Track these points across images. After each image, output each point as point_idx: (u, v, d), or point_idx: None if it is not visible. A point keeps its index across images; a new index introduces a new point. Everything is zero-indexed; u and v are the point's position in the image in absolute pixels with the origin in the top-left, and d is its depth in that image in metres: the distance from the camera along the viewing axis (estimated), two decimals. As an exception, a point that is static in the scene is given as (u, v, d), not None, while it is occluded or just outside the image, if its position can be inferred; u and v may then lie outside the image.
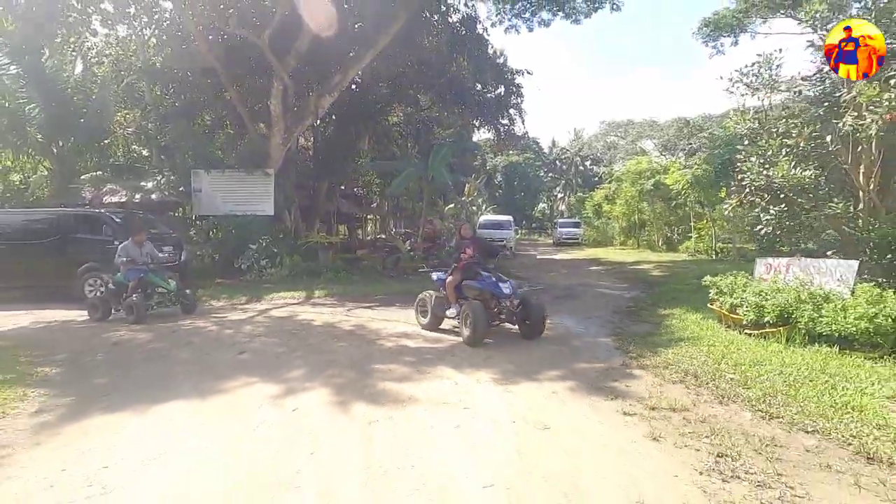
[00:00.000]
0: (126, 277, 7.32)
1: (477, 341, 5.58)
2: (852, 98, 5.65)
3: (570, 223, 31.05)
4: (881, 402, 3.58)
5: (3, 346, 5.66)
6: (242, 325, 6.93)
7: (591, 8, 18.53)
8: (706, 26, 23.10)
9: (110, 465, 2.88)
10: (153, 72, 15.18)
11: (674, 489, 2.58)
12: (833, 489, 2.57)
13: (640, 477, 2.70)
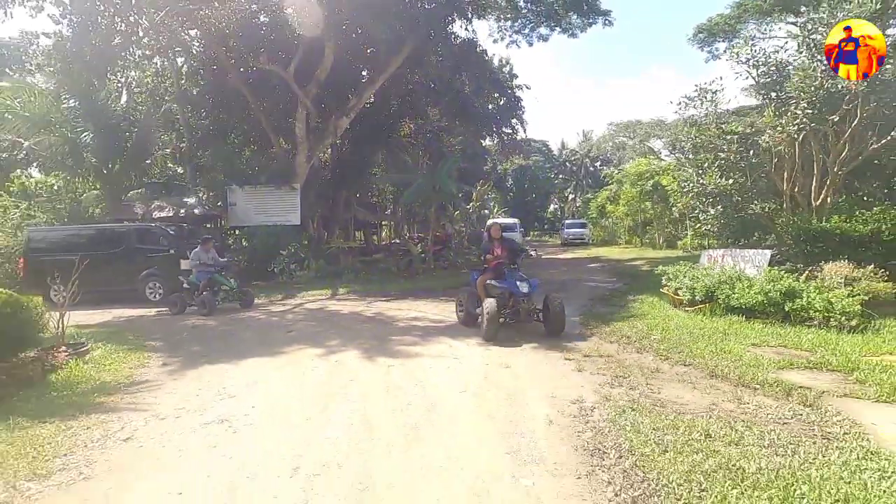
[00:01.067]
0: (198, 278, 9.14)
1: (489, 337, 6.03)
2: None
3: (576, 224, 32.44)
4: (745, 347, 5.17)
5: (111, 330, 7.54)
6: (285, 315, 8.74)
7: (586, 24, 20.16)
8: (700, 32, 24.53)
9: (227, 387, 4.64)
10: (188, 98, 17.28)
11: (577, 391, 4.22)
12: (678, 390, 4.19)
13: (559, 387, 4.35)
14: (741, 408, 3.71)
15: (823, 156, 7.26)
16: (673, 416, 3.54)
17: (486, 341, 6.03)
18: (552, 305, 6.23)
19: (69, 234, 12.01)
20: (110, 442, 3.43)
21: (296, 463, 3.04)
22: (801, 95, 6.54)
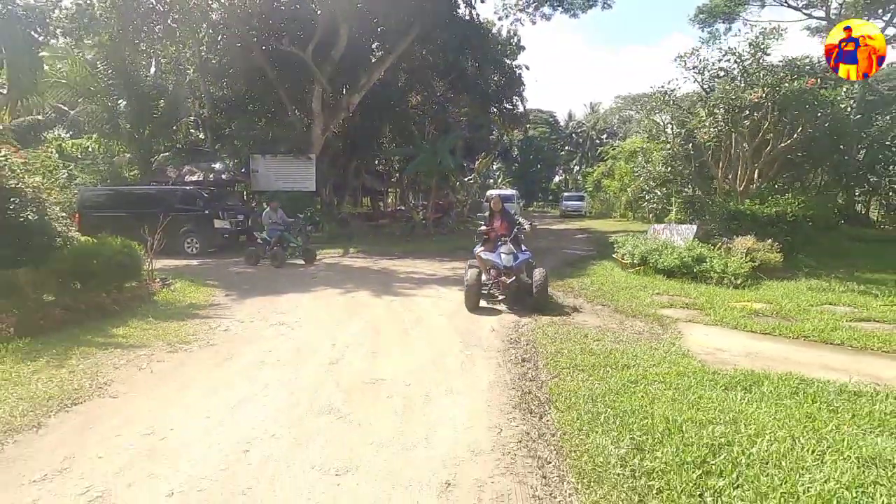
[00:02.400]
0: (270, 235, 10.70)
1: (469, 306, 6.40)
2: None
3: (575, 196, 34.14)
4: (650, 295, 7.20)
5: (173, 273, 9.67)
6: (307, 268, 10.84)
7: (587, 5, 21.34)
8: (701, 13, 25.59)
9: (277, 308, 6.75)
10: (210, 68, 18.93)
11: (518, 316, 6.27)
12: (587, 317, 6.22)
13: (507, 314, 6.40)
14: (620, 326, 5.76)
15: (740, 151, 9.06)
16: (572, 329, 5.60)
17: (468, 309, 6.37)
18: (532, 281, 6.35)
19: (117, 194, 14.07)
20: (216, 332, 5.55)
21: (332, 342, 5.15)
22: (719, 104, 8.31)
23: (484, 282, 6.66)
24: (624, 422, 3.13)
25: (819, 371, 4.11)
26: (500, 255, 6.63)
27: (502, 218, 7.14)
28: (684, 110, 9.69)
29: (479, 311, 6.51)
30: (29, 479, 2.61)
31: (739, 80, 8.40)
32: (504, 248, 6.73)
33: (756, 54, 8.44)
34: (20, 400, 3.54)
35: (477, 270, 6.60)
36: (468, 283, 6.45)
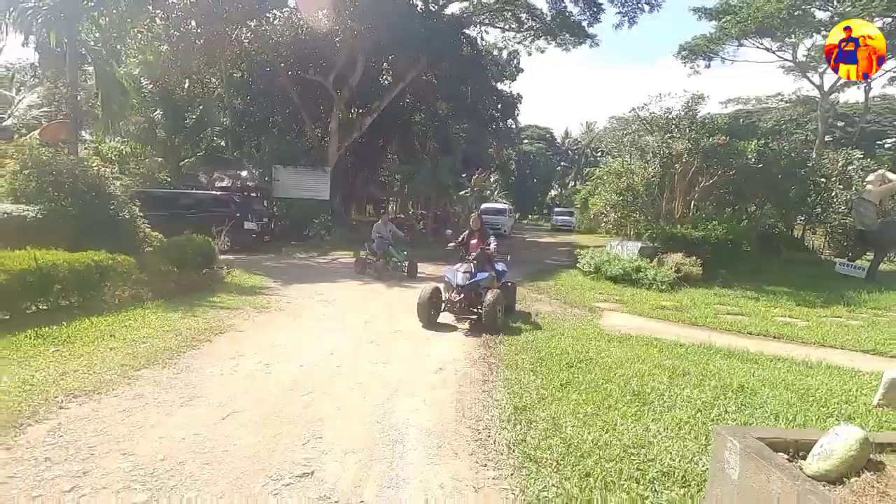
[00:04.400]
0: (378, 248, 11.86)
1: (423, 322, 6.72)
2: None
3: (565, 212, 36.92)
4: (593, 294, 9.83)
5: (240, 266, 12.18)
6: (329, 264, 13.39)
7: (577, 42, 24.20)
8: (683, 50, 28.63)
9: (317, 290, 9.31)
10: (234, 84, 21.58)
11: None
12: (542, 306, 8.82)
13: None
14: (563, 312, 8.36)
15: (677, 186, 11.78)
16: (532, 309, 8.19)
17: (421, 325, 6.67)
18: (486, 300, 6.50)
19: (161, 196, 16.60)
20: (281, 302, 8.10)
21: (363, 312, 7.71)
22: (657, 151, 11.00)
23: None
24: (540, 352, 5.72)
25: (672, 337, 6.73)
26: (457, 272, 6.95)
27: (479, 237, 7.52)
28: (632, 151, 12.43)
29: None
30: (227, 357, 5.16)
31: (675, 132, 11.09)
32: (464, 266, 7.04)
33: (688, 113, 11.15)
34: (189, 331, 6.06)
35: (433, 287, 7.01)
36: (420, 298, 6.77)
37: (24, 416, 3.52)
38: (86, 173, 9.80)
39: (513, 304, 7.94)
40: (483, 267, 7.21)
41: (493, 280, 7.22)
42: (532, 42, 25.46)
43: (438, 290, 7.10)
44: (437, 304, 7.03)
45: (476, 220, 7.79)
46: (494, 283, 7.25)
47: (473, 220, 7.85)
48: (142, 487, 2.80)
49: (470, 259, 7.23)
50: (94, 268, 6.74)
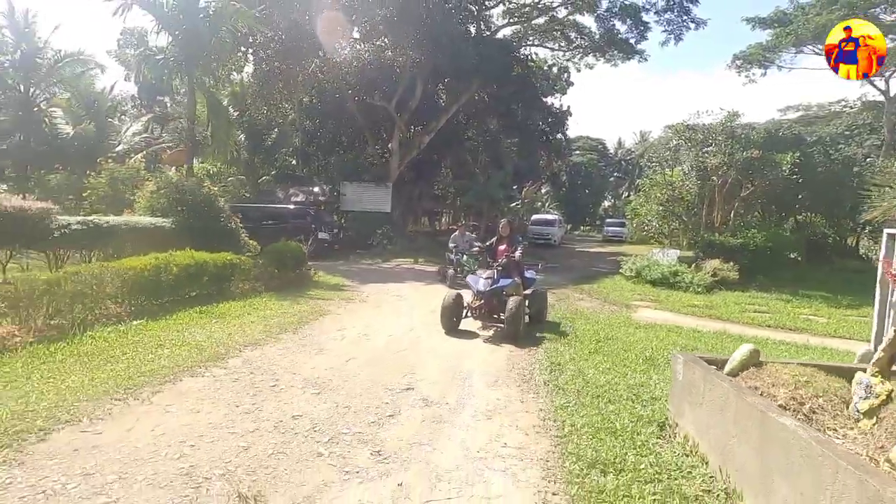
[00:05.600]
0: (453, 258, 14.92)
1: (445, 328, 6.89)
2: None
3: (616, 222, 37.42)
4: (632, 294, 11.08)
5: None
6: (393, 269, 15.32)
7: (625, 58, 25.25)
8: (738, 59, 28.96)
9: (388, 288, 11.17)
10: (305, 109, 24.34)
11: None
12: (584, 303, 10.21)
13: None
14: (603, 307, 9.72)
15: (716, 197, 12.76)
16: (574, 306, 9.61)
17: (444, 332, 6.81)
18: (508, 306, 6.46)
19: (250, 209, 19.28)
20: (363, 297, 10.00)
21: (428, 305, 9.42)
22: (691, 166, 12.09)
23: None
24: (576, 332, 7.19)
25: (693, 326, 7.96)
26: (479, 278, 7.09)
27: (508, 243, 7.54)
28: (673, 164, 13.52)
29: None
30: (334, 329, 7.02)
31: (711, 146, 12.14)
32: (488, 272, 7.12)
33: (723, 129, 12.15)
34: (300, 313, 8.00)
35: (455, 293, 7.20)
36: (443, 303, 6.90)
37: (220, 355, 5.45)
38: (201, 192, 12.27)
39: (543, 313, 7.76)
40: (510, 274, 7.21)
41: (517, 287, 7.17)
42: (581, 59, 26.77)
43: (461, 296, 7.23)
44: (459, 310, 7.10)
45: (505, 227, 7.74)
46: (520, 289, 7.20)
47: (502, 226, 7.80)
48: (312, 388, 4.59)
49: (495, 265, 7.30)
50: (228, 265, 8.90)
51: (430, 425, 3.93)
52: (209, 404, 4.08)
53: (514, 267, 7.42)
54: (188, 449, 3.30)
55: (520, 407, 4.43)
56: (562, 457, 3.43)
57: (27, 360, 4.80)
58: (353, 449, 3.45)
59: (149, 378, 4.52)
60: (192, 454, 3.24)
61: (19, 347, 5.02)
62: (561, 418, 4.08)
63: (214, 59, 14.20)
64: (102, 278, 6.36)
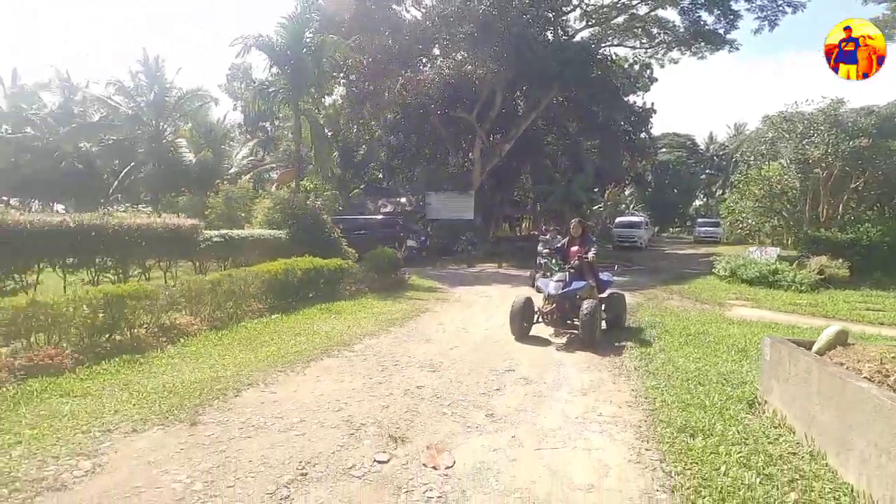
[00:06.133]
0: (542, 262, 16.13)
1: (514, 333, 6.71)
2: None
3: (709, 222, 35.42)
4: (726, 294, 10.89)
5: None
6: (478, 273, 16.10)
7: (713, 49, 24.25)
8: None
9: (475, 289, 11.93)
10: (392, 124, 26.00)
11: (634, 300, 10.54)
12: (674, 302, 10.27)
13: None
14: (695, 306, 9.73)
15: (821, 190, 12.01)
16: (663, 305, 9.74)
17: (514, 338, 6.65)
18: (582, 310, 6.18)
19: (345, 220, 21.08)
20: (455, 297, 10.83)
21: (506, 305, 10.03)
22: (790, 159, 11.51)
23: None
24: (665, 328, 7.43)
25: (793, 323, 7.84)
26: (550, 281, 6.86)
27: (580, 244, 7.21)
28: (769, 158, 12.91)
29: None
30: (435, 324, 7.87)
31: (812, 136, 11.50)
32: (559, 274, 6.88)
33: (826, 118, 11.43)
34: (402, 310, 8.97)
35: (525, 297, 6.97)
36: (512, 308, 6.71)
37: (346, 342, 6.47)
38: (308, 207, 13.86)
39: (621, 318, 7.46)
40: (583, 276, 6.93)
41: (591, 290, 6.88)
42: (665, 54, 26.06)
43: (531, 300, 6.97)
44: (529, 315, 6.87)
45: (576, 227, 7.39)
46: (594, 292, 6.96)
47: (574, 226, 7.46)
48: (427, 368, 5.42)
49: (567, 267, 7.00)
50: (338, 270, 10.14)
51: (532, 398, 4.57)
52: (349, 377, 5.03)
53: (588, 269, 7.06)
54: (342, 405, 4.22)
55: (612, 387, 4.92)
56: (653, 424, 3.92)
57: (203, 342, 6.11)
58: (470, 411, 4.19)
59: (297, 357, 5.59)
60: (347, 409, 4.15)
61: (196, 333, 6.38)
62: (652, 396, 4.53)
63: (315, 88, 15.96)
64: (247, 280, 7.73)
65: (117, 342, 5.47)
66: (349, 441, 3.54)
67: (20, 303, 4.82)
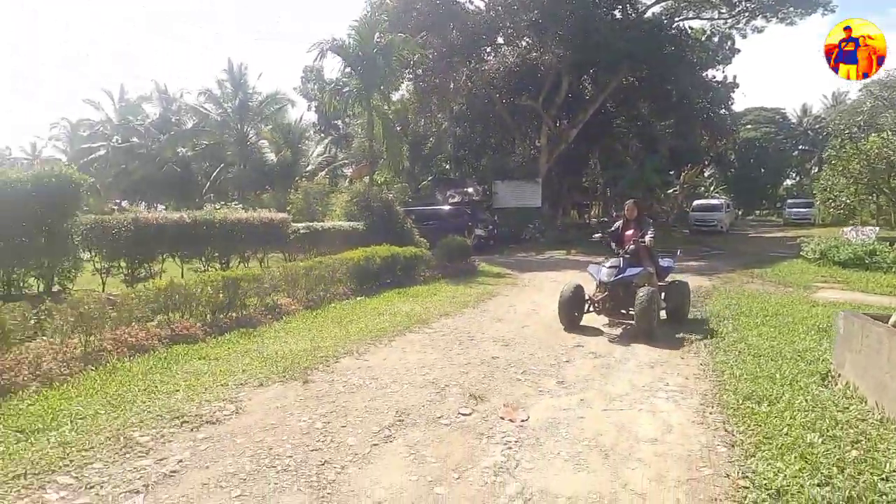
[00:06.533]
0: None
1: (564, 324, 6.38)
2: None
3: (800, 203, 32.73)
4: (814, 277, 10.36)
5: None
6: (547, 260, 16.27)
7: (804, 13, 22.44)
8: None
9: (546, 277, 12.19)
10: (458, 115, 26.47)
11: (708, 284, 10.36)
12: (754, 285, 9.96)
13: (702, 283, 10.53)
14: (776, 289, 9.42)
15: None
16: (740, 289, 9.52)
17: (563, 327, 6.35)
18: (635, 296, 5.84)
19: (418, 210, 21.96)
20: (525, 282, 11.19)
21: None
22: (892, 132, 10.57)
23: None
24: (741, 308, 7.37)
25: (885, 305, 7.45)
26: (602, 267, 6.54)
27: (636, 227, 6.72)
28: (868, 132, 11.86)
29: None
30: (506, 306, 8.31)
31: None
32: (613, 260, 6.50)
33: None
34: (474, 294, 9.48)
35: (576, 284, 6.59)
36: (561, 296, 6.39)
37: (424, 321, 7.08)
38: (382, 199, 14.71)
39: (683, 308, 6.83)
40: (639, 261, 6.47)
41: (648, 276, 6.40)
42: (747, 23, 24.35)
43: (581, 287, 6.60)
44: (580, 303, 6.52)
45: (631, 209, 6.89)
46: (653, 280, 6.51)
47: (628, 208, 6.96)
48: (500, 343, 5.89)
49: (621, 253, 6.54)
50: (413, 257, 10.84)
51: (601, 369, 4.90)
52: (430, 349, 5.62)
53: (645, 254, 6.57)
54: (427, 371, 4.80)
55: (680, 362, 5.13)
56: (719, 393, 4.14)
57: (301, 319, 6.96)
58: (542, 378, 4.62)
59: (382, 333, 6.27)
60: (431, 374, 4.72)
61: (294, 312, 7.27)
62: (720, 369, 4.71)
63: (385, 85, 16.78)
64: (334, 266, 8.58)
65: (234, 318, 6.42)
66: (436, 398, 4.11)
67: (161, 284, 5.85)
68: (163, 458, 3.07)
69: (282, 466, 2.99)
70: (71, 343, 4.70)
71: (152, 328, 5.53)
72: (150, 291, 5.74)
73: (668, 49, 21.20)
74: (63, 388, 4.08)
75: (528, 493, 2.73)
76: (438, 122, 27.94)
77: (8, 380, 3.91)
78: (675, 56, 21.98)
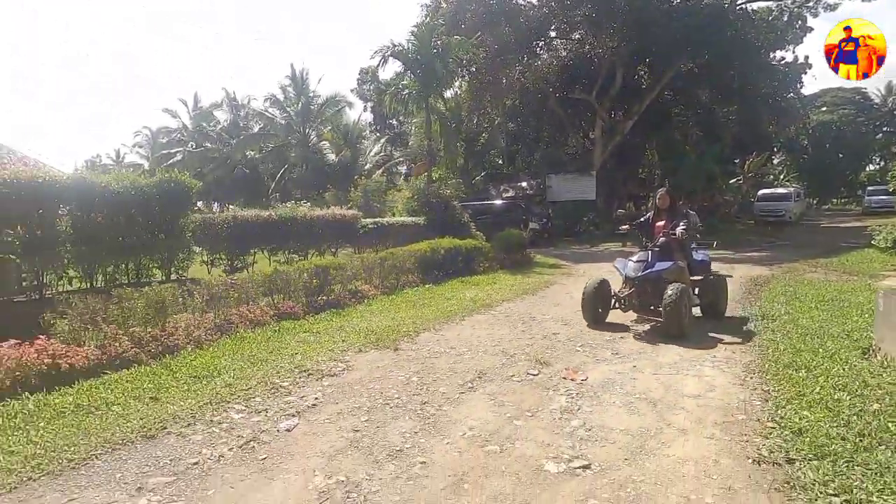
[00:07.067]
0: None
1: (587, 320, 6.24)
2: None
3: (881, 190, 30.65)
4: (883, 266, 10.25)
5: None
6: (601, 252, 16.62)
7: (882, -12, 21.18)
8: None
9: (598, 267, 12.64)
10: (511, 111, 26.97)
11: (767, 273, 10.49)
12: (816, 274, 10.02)
13: (758, 273, 10.69)
14: (840, 278, 9.47)
15: None
16: (801, 277, 9.64)
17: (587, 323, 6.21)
18: (667, 295, 5.44)
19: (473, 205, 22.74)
20: (578, 272, 11.74)
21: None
22: None
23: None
24: (796, 294, 7.64)
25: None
26: (628, 262, 6.25)
27: (668, 218, 6.29)
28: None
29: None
30: (563, 293, 8.96)
31: None
32: (640, 253, 6.23)
33: None
34: (532, 283, 10.17)
35: (600, 278, 6.44)
36: (584, 292, 6.24)
37: (488, 305, 7.87)
38: (441, 194, 15.61)
39: (719, 305, 6.51)
40: (670, 255, 6.06)
41: (680, 271, 5.98)
42: (818, 1, 23.30)
43: (607, 282, 6.42)
44: (605, 299, 6.34)
45: (664, 198, 6.46)
46: (685, 275, 6.06)
47: (660, 197, 6.53)
48: (560, 321, 6.60)
49: (650, 246, 6.23)
50: (474, 249, 11.67)
51: (653, 344, 5.51)
52: (497, 327, 6.42)
53: (677, 247, 6.14)
54: (496, 343, 5.61)
55: (728, 339, 5.63)
56: (762, 362, 4.66)
57: (380, 303, 7.96)
58: (598, 350, 5.30)
59: (453, 314, 7.13)
60: (500, 345, 5.52)
61: (373, 296, 8.28)
62: (766, 345, 5.19)
63: (441, 85, 17.66)
64: (404, 257, 9.54)
65: (324, 301, 7.49)
66: (507, 362, 4.90)
67: (267, 271, 6.98)
68: (303, 395, 4.05)
69: (393, 404, 3.89)
70: (207, 317, 5.87)
71: (263, 307, 6.66)
72: (260, 277, 6.88)
73: (728, 32, 20.73)
74: (211, 350, 5.22)
75: (589, 426, 3.47)
76: (491, 118, 28.60)
77: (173, 342, 5.08)
78: (738, 40, 21.43)
